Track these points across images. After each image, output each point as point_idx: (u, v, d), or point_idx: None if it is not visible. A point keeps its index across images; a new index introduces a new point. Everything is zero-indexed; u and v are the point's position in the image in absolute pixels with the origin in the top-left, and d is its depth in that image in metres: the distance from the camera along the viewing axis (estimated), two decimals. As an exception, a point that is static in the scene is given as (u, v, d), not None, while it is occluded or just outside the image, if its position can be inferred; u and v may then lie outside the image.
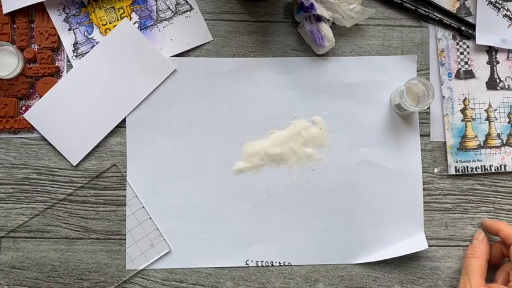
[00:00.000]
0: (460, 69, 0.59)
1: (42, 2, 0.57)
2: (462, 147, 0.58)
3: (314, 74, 0.59)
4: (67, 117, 0.57)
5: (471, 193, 0.59)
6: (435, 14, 0.59)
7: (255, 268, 0.57)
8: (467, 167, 0.58)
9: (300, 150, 0.58)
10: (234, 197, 0.58)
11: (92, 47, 0.58)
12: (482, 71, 0.59)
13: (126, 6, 0.59)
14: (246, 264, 0.57)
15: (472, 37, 0.59)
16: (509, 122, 0.59)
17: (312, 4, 0.55)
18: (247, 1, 0.59)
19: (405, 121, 0.59)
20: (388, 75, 0.59)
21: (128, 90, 0.58)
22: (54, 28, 0.58)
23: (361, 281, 0.57)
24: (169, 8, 0.59)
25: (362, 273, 0.58)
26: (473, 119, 0.59)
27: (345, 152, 0.58)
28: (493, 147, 0.59)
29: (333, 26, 0.57)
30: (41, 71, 0.57)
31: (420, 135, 0.59)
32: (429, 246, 0.57)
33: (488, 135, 0.59)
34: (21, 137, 0.58)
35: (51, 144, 0.57)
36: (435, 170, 0.59)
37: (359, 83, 0.59)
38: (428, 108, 0.58)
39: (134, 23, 0.58)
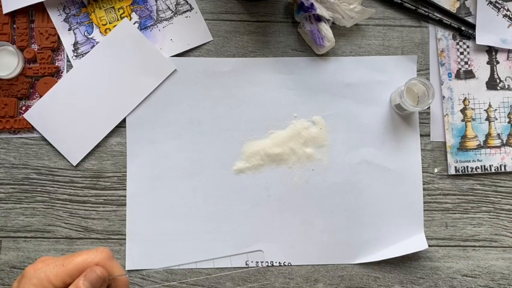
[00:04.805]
0: (460, 69, 0.59)
1: (42, 2, 0.57)
2: (462, 147, 0.58)
3: (314, 74, 0.59)
4: (67, 117, 0.57)
5: (471, 193, 0.59)
6: (435, 14, 0.59)
7: (255, 268, 0.57)
8: (467, 167, 0.58)
9: (300, 150, 0.58)
10: (234, 197, 0.58)
11: (92, 47, 0.58)
12: (482, 71, 0.59)
13: (126, 6, 0.59)
14: (246, 264, 0.57)
15: (472, 37, 0.59)
16: (509, 122, 0.59)
17: (312, 4, 0.55)
18: (247, 1, 0.59)
19: (405, 121, 0.59)
20: (388, 75, 0.59)
21: (128, 90, 0.58)
22: (54, 28, 0.58)
23: (361, 281, 0.57)
24: (169, 8, 0.59)
25: (362, 273, 0.58)
26: (473, 119, 0.59)
27: (345, 152, 0.58)
28: (493, 147, 0.59)
29: (333, 26, 0.57)
30: (41, 71, 0.57)
31: (420, 135, 0.59)
32: (429, 246, 0.57)
33: (488, 135, 0.59)
34: (21, 137, 0.58)
35: (51, 144, 0.57)
36: (435, 170, 0.59)
37: (359, 83, 0.59)
38: (428, 108, 0.58)
39: (134, 23, 0.58)
